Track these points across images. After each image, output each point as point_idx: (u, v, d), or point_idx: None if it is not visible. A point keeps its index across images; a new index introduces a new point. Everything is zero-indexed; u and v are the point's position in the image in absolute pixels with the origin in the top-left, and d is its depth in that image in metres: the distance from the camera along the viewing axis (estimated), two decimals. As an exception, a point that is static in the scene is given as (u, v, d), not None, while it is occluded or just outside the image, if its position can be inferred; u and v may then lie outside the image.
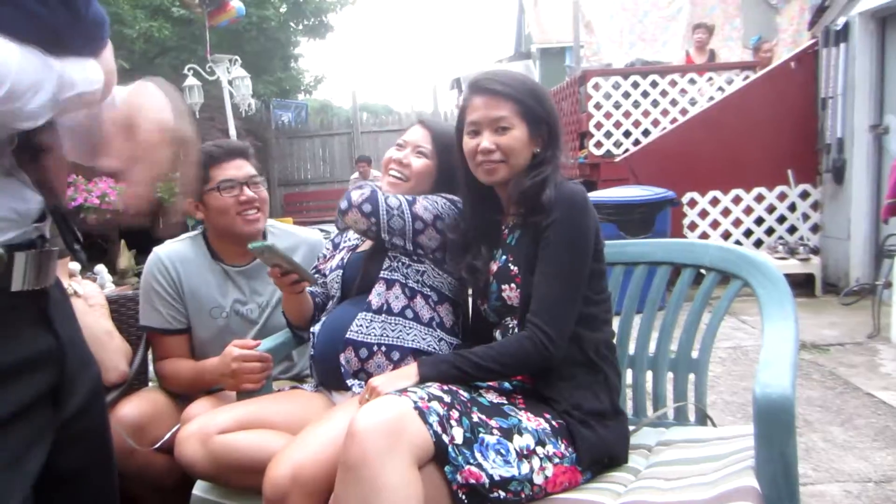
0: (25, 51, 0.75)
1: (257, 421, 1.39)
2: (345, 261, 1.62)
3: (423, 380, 1.26)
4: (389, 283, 1.51)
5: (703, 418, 1.54)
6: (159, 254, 1.82)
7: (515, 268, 1.38)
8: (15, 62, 0.73)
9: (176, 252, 1.82)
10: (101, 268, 5.41)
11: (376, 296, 1.50)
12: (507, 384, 1.37)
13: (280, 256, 1.45)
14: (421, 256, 1.52)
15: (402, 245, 1.49)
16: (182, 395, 1.78)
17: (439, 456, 1.10)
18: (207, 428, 1.34)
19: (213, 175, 1.76)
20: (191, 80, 6.78)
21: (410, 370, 1.29)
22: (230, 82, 6.81)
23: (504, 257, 1.42)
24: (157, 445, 1.57)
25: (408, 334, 1.48)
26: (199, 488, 1.41)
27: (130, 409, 1.62)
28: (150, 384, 1.95)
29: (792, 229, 5.36)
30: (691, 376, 1.56)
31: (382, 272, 1.52)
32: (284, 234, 1.95)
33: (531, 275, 1.33)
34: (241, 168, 1.78)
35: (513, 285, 1.38)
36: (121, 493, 1.50)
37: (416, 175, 1.57)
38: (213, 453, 1.31)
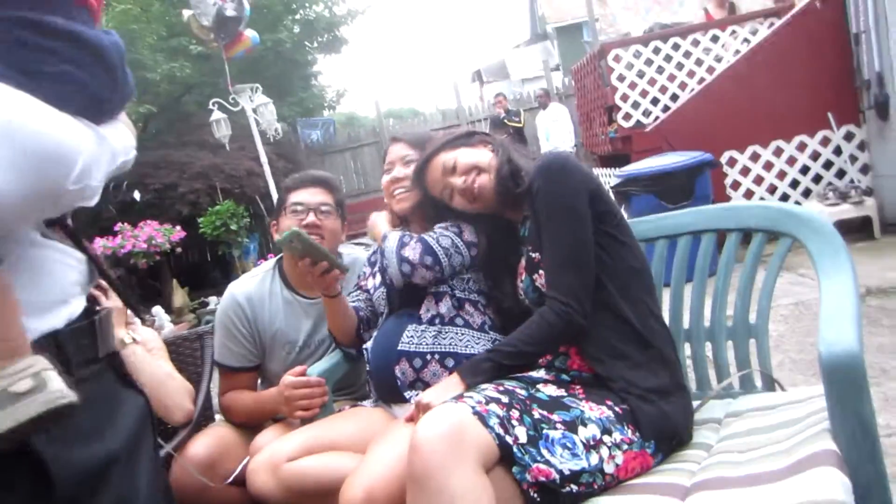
0: (83, 124, 0.75)
1: (323, 444, 1.41)
2: None
3: (469, 386, 1.26)
4: (438, 297, 1.53)
5: (770, 383, 1.49)
6: (234, 293, 1.86)
7: (536, 255, 1.38)
8: (86, 140, 0.73)
9: (250, 290, 1.85)
10: (157, 309, 5.59)
11: (426, 310, 1.52)
12: (564, 376, 1.36)
13: (308, 244, 1.46)
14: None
15: (464, 273, 1.53)
16: (248, 426, 1.82)
17: (505, 457, 1.09)
18: (276, 457, 1.36)
19: (289, 198, 1.82)
20: (217, 114, 6.92)
21: (454, 380, 1.29)
22: (254, 110, 6.92)
23: (525, 249, 1.43)
24: (229, 480, 1.60)
25: (460, 340, 1.49)
26: (274, 515, 1.43)
27: (199, 447, 1.66)
28: (217, 418, 2.00)
29: (840, 173, 5.15)
30: (752, 342, 1.52)
31: (430, 287, 1.53)
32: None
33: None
34: (314, 195, 1.81)
35: (541, 272, 1.38)
36: None
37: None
38: (284, 481, 1.33)
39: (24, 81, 0.69)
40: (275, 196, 7.20)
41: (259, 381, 1.95)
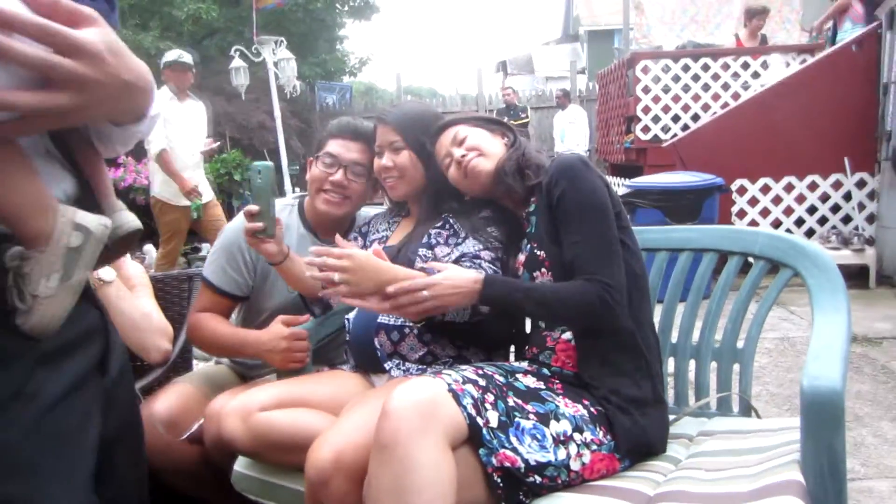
0: None
1: (297, 400, 1.40)
2: None
3: (482, 301, 1.29)
4: None
5: (747, 409, 1.50)
6: None
7: (541, 252, 1.38)
8: None
9: None
10: (149, 248, 5.56)
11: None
12: (545, 370, 1.36)
13: (266, 193, 1.37)
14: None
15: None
16: (211, 353, 1.76)
17: (474, 438, 1.10)
18: (249, 405, 1.35)
19: (326, 144, 1.72)
20: (237, 62, 6.87)
21: (474, 288, 1.28)
22: (276, 64, 6.87)
23: (529, 246, 1.42)
24: (185, 436, 1.57)
25: (441, 317, 1.48)
26: (241, 464, 1.43)
27: (162, 404, 1.62)
28: (196, 363, 1.98)
29: (846, 219, 5.16)
30: (736, 366, 1.52)
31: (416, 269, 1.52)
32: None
33: (556, 248, 1.34)
34: (350, 150, 1.69)
35: (543, 270, 1.37)
36: (162, 487, 1.54)
37: (402, 168, 1.56)
38: (253, 429, 1.32)
39: None
40: (283, 152, 7.18)
41: (237, 311, 1.86)
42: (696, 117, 5.81)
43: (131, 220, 0.96)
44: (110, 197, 0.96)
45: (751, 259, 1.53)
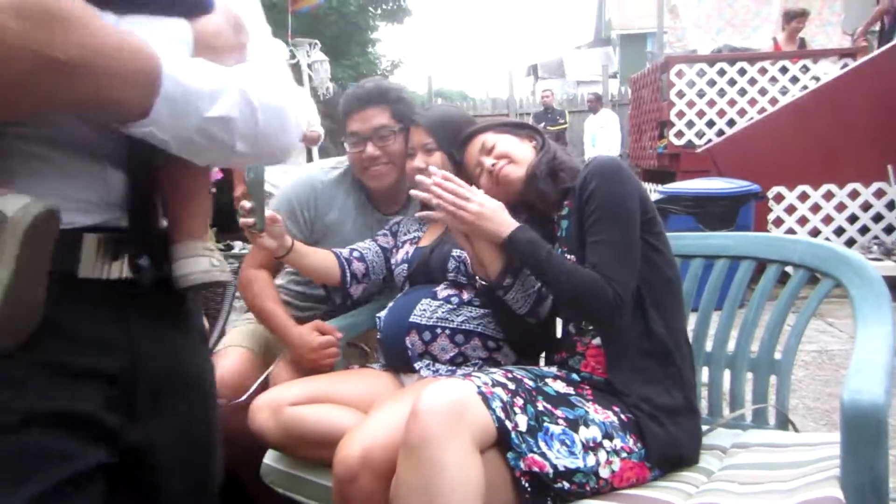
0: None
1: (327, 396, 1.42)
2: (409, 255, 1.63)
3: (511, 241, 1.31)
4: (457, 285, 1.53)
5: (784, 422, 1.46)
6: (312, 176, 1.77)
7: (571, 256, 1.37)
8: None
9: (326, 181, 1.77)
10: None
11: (443, 289, 1.52)
12: (574, 375, 1.34)
13: (259, 190, 1.35)
14: None
15: None
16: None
17: (502, 442, 1.09)
18: (279, 399, 1.38)
19: (347, 127, 1.69)
20: (273, 64, 6.95)
21: (510, 225, 1.33)
22: (310, 66, 6.94)
23: (560, 249, 1.42)
24: (244, 397, 1.55)
25: (474, 319, 1.48)
26: (270, 457, 1.45)
27: (219, 370, 1.62)
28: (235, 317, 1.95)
29: (889, 229, 5.01)
30: (773, 378, 1.48)
31: (449, 273, 1.53)
32: None
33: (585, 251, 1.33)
34: (368, 120, 1.66)
35: None
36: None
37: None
38: (283, 423, 1.34)
39: None
40: (315, 153, 7.25)
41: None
42: (731, 122, 5.70)
43: (199, 273, 0.79)
44: (190, 236, 0.81)
45: (788, 269, 1.49)
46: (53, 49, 0.51)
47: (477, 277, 1.44)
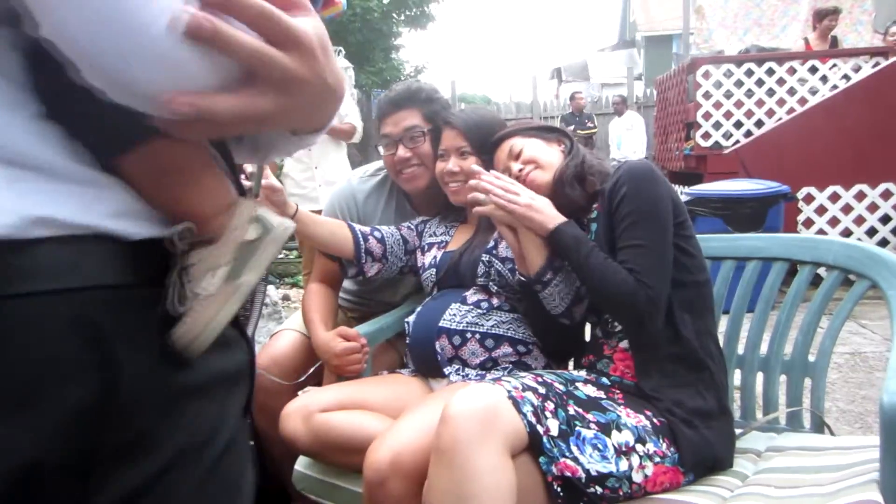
0: None
1: (357, 402, 1.42)
2: (437, 259, 1.63)
3: (554, 235, 1.33)
4: (486, 290, 1.53)
5: (819, 425, 1.43)
6: (352, 184, 1.83)
7: None
8: None
9: (367, 188, 1.82)
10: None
11: (473, 293, 1.53)
12: (604, 379, 1.34)
13: (257, 182, 1.38)
14: None
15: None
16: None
17: (533, 446, 1.09)
18: (310, 406, 1.38)
19: (381, 130, 1.73)
20: (298, 72, 7.02)
21: (556, 219, 1.35)
22: (334, 73, 7.01)
23: None
24: (303, 378, 1.61)
25: (503, 323, 1.49)
26: (301, 464, 1.46)
27: (271, 353, 1.71)
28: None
29: (923, 229, 4.90)
30: (807, 381, 1.46)
31: (479, 278, 1.53)
32: None
33: (614, 255, 1.32)
34: (398, 123, 1.68)
35: None
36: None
37: (469, 174, 1.55)
38: (314, 430, 1.35)
39: None
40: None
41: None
42: (759, 123, 5.61)
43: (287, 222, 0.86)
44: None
45: (821, 271, 1.47)
46: (330, 77, 0.56)
47: (517, 273, 1.44)
